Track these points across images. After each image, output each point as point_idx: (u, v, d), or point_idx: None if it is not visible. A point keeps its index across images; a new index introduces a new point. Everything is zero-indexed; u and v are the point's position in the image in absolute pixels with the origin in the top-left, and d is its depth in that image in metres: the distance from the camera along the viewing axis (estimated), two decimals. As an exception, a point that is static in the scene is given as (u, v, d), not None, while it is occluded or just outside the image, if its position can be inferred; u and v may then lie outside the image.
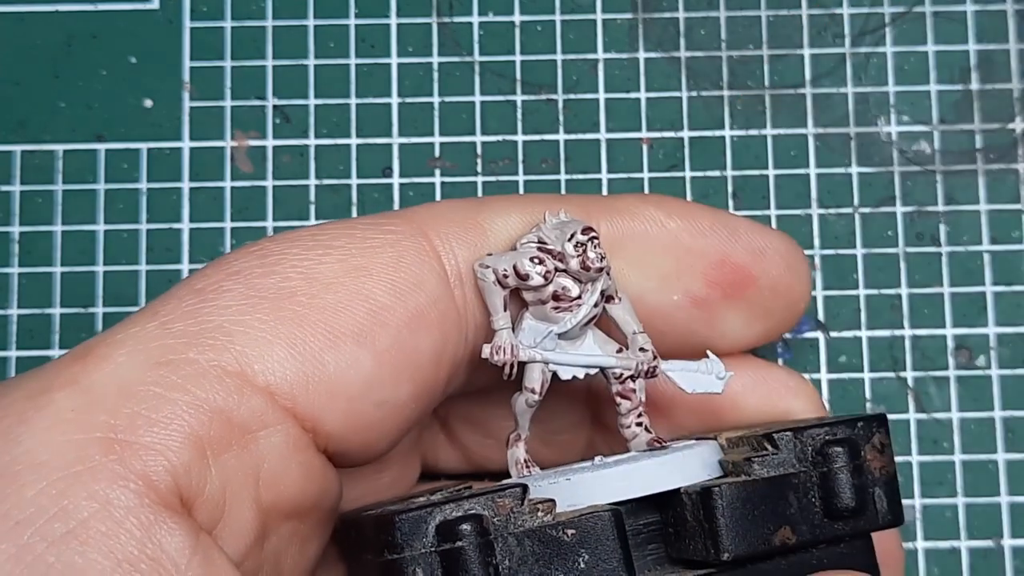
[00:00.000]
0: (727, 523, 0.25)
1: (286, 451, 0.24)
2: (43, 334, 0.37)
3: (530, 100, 0.38)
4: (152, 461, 0.22)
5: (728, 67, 0.38)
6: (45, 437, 0.22)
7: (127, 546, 0.21)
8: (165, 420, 0.23)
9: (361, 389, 0.25)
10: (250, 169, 0.38)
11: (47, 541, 0.21)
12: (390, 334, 0.25)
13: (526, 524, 0.24)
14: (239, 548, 0.24)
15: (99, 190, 0.37)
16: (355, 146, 0.38)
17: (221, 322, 0.24)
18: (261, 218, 0.37)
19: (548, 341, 0.27)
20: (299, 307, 0.25)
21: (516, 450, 0.28)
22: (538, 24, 0.38)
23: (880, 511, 0.26)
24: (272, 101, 0.38)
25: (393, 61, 0.38)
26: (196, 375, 0.23)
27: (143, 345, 0.24)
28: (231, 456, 0.24)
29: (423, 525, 0.24)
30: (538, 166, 0.37)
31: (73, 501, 0.21)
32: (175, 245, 0.37)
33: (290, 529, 0.25)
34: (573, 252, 0.26)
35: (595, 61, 0.38)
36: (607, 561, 0.24)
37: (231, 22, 0.38)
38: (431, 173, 0.38)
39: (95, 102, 0.38)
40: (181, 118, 0.38)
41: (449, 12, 0.38)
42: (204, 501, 0.23)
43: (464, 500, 0.24)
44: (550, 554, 0.24)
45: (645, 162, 0.37)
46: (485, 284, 0.27)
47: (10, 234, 0.37)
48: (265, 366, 0.24)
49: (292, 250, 0.26)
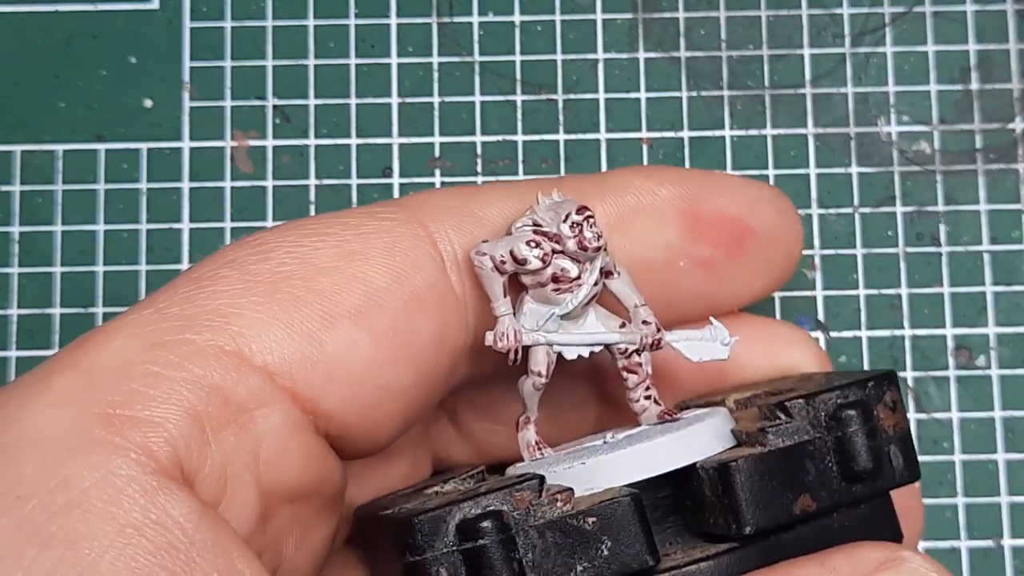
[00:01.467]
0: (747, 497, 0.25)
1: (285, 431, 0.24)
2: (43, 334, 0.37)
3: (530, 100, 0.38)
4: (152, 433, 0.22)
5: (728, 67, 0.38)
6: (44, 416, 0.22)
7: (130, 513, 0.21)
8: (163, 396, 0.23)
9: (361, 371, 0.25)
10: (250, 169, 0.38)
11: (49, 512, 0.21)
12: (387, 316, 0.25)
13: (546, 515, 0.24)
14: (243, 530, 0.24)
15: (99, 190, 0.37)
16: (355, 146, 0.38)
17: (217, 305, 0.24)
18: (261, 218, 0.37)
19: (551, 323, 0.27)
20: (295, 289, 0.25)
21: (527, 432, 0.28)
22: (538, 24, 0.38)
23: (897, 468, 0.26)
24: (272, 101, 0.38)
25: (393, 61, 0.38)
26: (193, 354, 0.23)
27: (140, 329, 0.24)
28: (230, 434, 0.24)
29: (443, 525, 0.24)
30: (538, 166, 0.37)
31: (73, 472, 0.21)
32: (175, 245, 0.37)
33: (290, 514, 0.25)
34: (569, 232, 0.26)
35: (595, 61, 0.38)
36: (630, 546, 0.24)
37: (231, 22, 0.38)
38: (431, 173, 0.38)
39: (95, 102, 0.38)
40: (181, 118, 0.38)
41: (449, 12, 0.38)
42: (205, 477, 0.23)
43: (482, 496, 0.24)
44: (572, 544, 0.24)
45: (645, 162, 0.37)
46: (483, 271, 0.26)
47: (10, 234, 0.37)
48: (263, 346, 0.24)
49: (287, 238, 0.26)
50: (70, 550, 0.21)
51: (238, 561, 0.22)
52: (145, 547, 0.21)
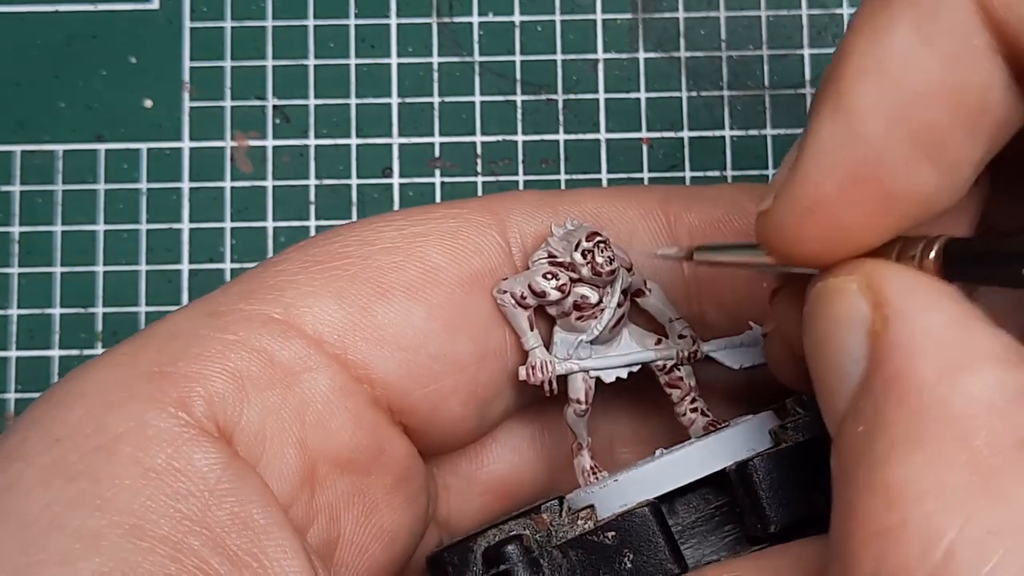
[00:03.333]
0: (768, 495, 0.25)
1: (332, 395, 0.25)
2: (43, 334, 0.37)
3: (530, 100, 0.38)
4: (189, 388, 0.23)
5: (728, 67, 0.38)
6: (97, 375, 0.24)
7: (155, 458, 0.22)
8: (206, 354, 0.24)
9: (412, 337, 0.26)
10: (250, 169, 0.38)
11: (79, 452, 0.22)
12: (443, 292, 0.26)
13: (568, 534, 0.25)
14: (283, 488, 0.24)
15: (99, 190, 0.37)
16: (355, 146, 0.38)
17: (275, 282, 0.26)
18: (261, 218, 0.37)
19: (581, 350, 0.27)
20: (352, 267, 0.26)
21: (581, 459, 0.28)
22: (538, 24, 0.38)
23: None
24: (272, 101, 0.38)
25: (393, 61, 0.38)
26: (241, 320, 0.25)
27: (202, 304, 0.26)
28: (273, 394, 0.24)
29: (469, 555, 0.24)
30: (538, 166, 0.37)
31: (110, 421, 0.23)
32: (175, 245, 0.37)
33: (348, 486, 0.26)
34: (582, 260, 0.26)
35: (595, 61, 0.38)
36: (653, 556, 0.24)
37: (231, 22, 0.38)
38: (431, 173, 0.38)
39: (95, 102, 0.38)
40: (181, 118, 0.38)
41: (449, 12, 0.38)
42: (242, 432, 0.24)
43: (505, 523, 0.25)
44: (596, 560, 0.24)
45: (645, 162, 0.37)
46: (506, 308, 0.27)
47: (10, 234, 0.37)
48: (313, 315, 0.25)
49: (357, 226, 0.27)
50: (92, 485, 0.22)
51: (256, 512, 0.23)
52: (163, 490, 0.22)
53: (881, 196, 0.21)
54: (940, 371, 0.19)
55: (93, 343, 0.37)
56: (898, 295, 0.21)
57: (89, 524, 0.21)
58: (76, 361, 0.37)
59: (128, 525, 0.22)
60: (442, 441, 0.27)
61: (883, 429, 0.19)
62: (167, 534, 0.22)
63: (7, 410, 0.37)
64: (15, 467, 0.22)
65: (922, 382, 0.19)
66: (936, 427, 0.19)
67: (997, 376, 0.19)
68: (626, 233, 0.28)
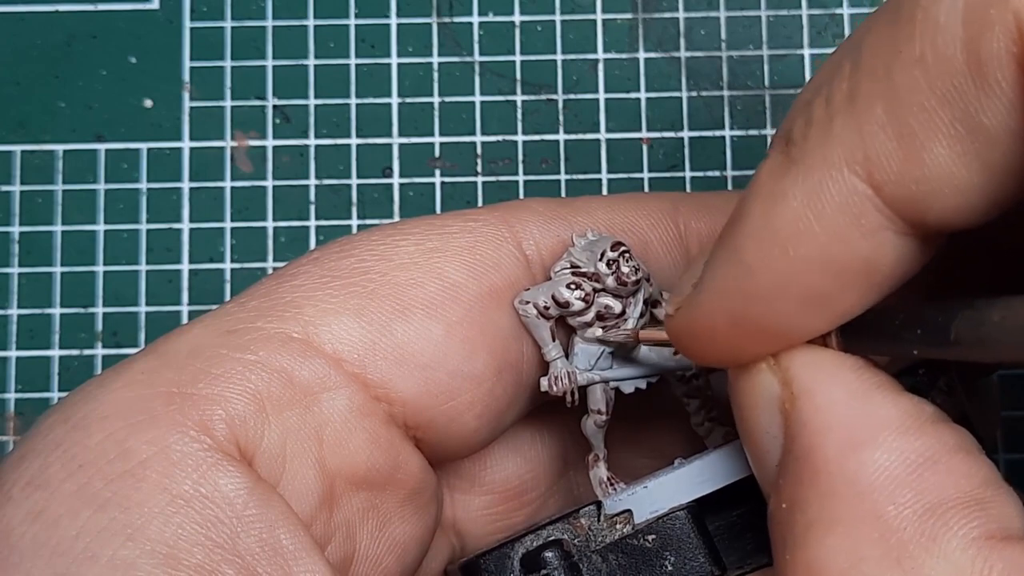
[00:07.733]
0: None
1: (351, 415, 0.25)
2: (43, 334, 0.37)
3: (530, 100, 0.38)
4: (210, 410, 0.23)
5: (728, 67, 0.38)
6: (115, 395, 0.23)
7: (182, 484, 0.22)
8: (226, 375, 0.24)
9: (432, 355, 0.26)
10: (250, 169, 0.38)
11: (106, 479, 0.22)
12: (462, 308, 0.26)
13: (607, 539, 0.25)
14: (304, 508, 0.24)
15: (99, 190, 0.37)
16: (355, 146, 0.38)
17: (293, 298, 0.25)
18: (261, 218, 0.37)
19: (603, 361, 0.27)
20: (370, 283, 0.26)
21: (598, 470, 0.28)
22: (538, 24, 0.38)
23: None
24: (272, 101, 0.38)
25: (393, 61, 0.38)
26: (261, 339, 0.25)
27: (218, 319, 0.25)
28: (293, 415, 0.24)
29: (507, 561, 0.24)
30: (538, 166, 0.37)
31: (133, 446, 0.22)
32: (175, 245, 0.37)
33: (363, 502, 0.26)
34: (607, 270, 0.26)
35: (595, 61, 0.38)
36: (693, 559, 0.24)
37: (231, 22, 0.38)
38: (431, 173, 0.38)
39: (95, 102, 0.38)
40: (181, 118, 0.38)
41: (449, 12, 0.38)
42: (263, 453, 0.24)
43: (543, 528, 0.25)
44: (636, 563, 0.24)
45: (645, 162, 0.37)
46: (528, 319, 0.27)
47: (10, 234, 0.37)
48: (332, 334, 0.25)
49: (372, 237, 0.27)
50: (122, 514, 0.22)
51: (284, 536, 0.23)
52: (193, 518, 0.22)
53: (769, 336, 0.22)
54: (844, 447, 0.20)
55: (93, 343, 0.37)
56: (802, 370, 0.22)
57: (123, 554, 0.21)
58: (76, 361, 0.37)
59: (161, 555, 0.21)
60: (454, 452, 0.27)
61: (800, 509, 0.21)
62: (200, 563, 0.22)
63: (7, 410, 0.37)
64: (39, 495, 0.22)
65: (828, 460, 0.20)
66: (846, 506, 0.20)
67: (899, 446, 0.20)
68: (640, 243, 0.28)
